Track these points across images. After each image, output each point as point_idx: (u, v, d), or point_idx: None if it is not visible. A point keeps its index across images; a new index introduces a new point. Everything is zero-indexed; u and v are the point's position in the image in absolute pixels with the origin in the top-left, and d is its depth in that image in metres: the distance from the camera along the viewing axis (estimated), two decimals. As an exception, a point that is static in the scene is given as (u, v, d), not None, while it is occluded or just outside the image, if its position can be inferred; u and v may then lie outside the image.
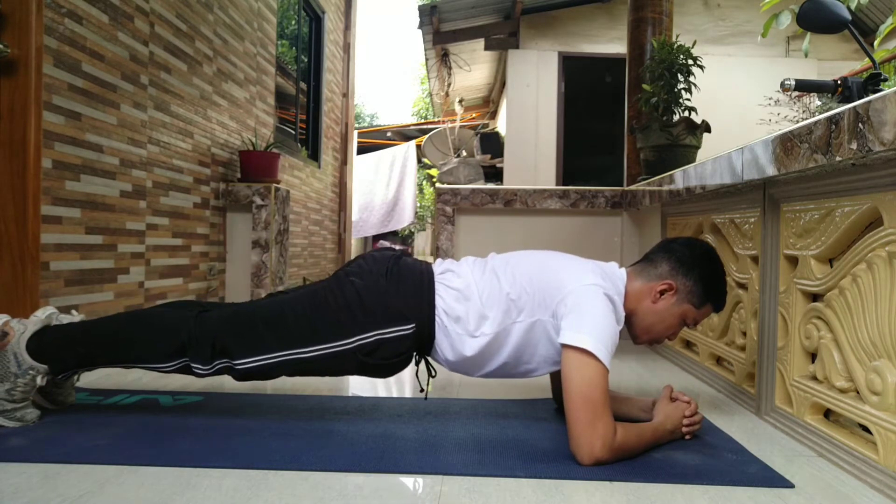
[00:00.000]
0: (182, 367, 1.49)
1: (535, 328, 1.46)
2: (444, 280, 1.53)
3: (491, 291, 1.49)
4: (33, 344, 1.48)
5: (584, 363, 1.31)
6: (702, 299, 1.53)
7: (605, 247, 3.19)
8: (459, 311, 1.48)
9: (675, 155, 2.80)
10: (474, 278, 1.52)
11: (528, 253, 1.60)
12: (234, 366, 1.47)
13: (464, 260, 1.61)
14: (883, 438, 1.21)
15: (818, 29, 1.76)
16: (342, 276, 1.53)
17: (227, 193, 3.63)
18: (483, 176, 6.61)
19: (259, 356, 1.46)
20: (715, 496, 1.17)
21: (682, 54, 2.85)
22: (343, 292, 1.48)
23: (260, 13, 4.35)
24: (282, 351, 1.46)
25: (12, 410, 1.47)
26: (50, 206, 2.10)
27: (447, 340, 1.49)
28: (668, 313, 1.52)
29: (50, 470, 1.23)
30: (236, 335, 1.47)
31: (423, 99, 19.12)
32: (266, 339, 1.46)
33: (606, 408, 1.29)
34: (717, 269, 1.56)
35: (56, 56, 2.12)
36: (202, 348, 1.46)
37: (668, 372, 2.35)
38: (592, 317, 1.36)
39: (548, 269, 1.50)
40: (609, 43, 6.89)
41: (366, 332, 1.45)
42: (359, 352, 1.45)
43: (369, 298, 1.46)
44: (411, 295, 1.48)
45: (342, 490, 1.20)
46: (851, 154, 1.16)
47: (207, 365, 1.47)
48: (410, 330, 1.46)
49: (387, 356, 1.46)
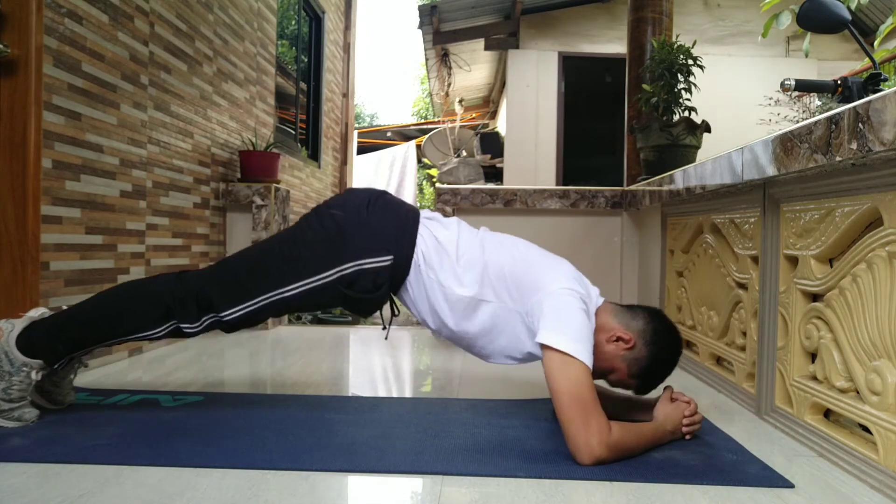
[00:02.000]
0: (172, 330, 1.51)
1: (505, 316, 1.47)
2: (429, 225, 1.54)
3: (472, 257, 1.49)
4: (23, 340, 1.48)
5: (567, 363, 1.31)
6: (638, 373, 1.49)
7: (605, 247, 3.19)
8: (436, 260, 1.49)
9: (675, 155, 2.80)
10: (462, 237, 1.53)
11: (517, 241, 1.60)
12: (221, 318, 1.49)
13: (452, 219, 1.62)
14: (883, 438, 1.21)
15: (818, 29, 1.76)
16: (322, 209, 1.56)
17: (227, 193, 3.63)
18: (483, 176, 6.62)
19: (244, 304, 1.48)
20: (715, 496, 1.17)
21: (682, 54, 2.85)
22: (323, 225, 1.50)
23: (260, 13, 4.35)
24: (266, 294, 1.48)
25: (10, 410, 1.47)
26: (50, 206, 2.10)
27: (418, 282, 1.50)
28: (606, 359, 1.47)
29: (50, 470, 1.23)
30: (219, 288, 1.49)
31: (423, 99, 19.12)
32: (249, 286, 1.48)
33: (597, 404, 1.30)
34: (669, 365, 1.53)
35: (56, 56, 2.12)
36: (188, 307, 1.48)
37: (668, 372, 2.35)
38: (571, 318, 1.37)
39: (531, 264, 1.50)
40: (609, 43, 6.88)
41: (346, 263, 1.46)
42: (339, 283, 1.47)
43: (350, 229, 1.48)
44: (392, 228, 1.50)
45: (342, 490, 1.20)
46: (851, 154, 1.16)
47: (195, 322, 1.49)
48: (388, 262, 1.47)
49: (367, 288, 1.47)
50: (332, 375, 2.28)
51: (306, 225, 1.54)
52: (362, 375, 2.40)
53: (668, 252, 2.64)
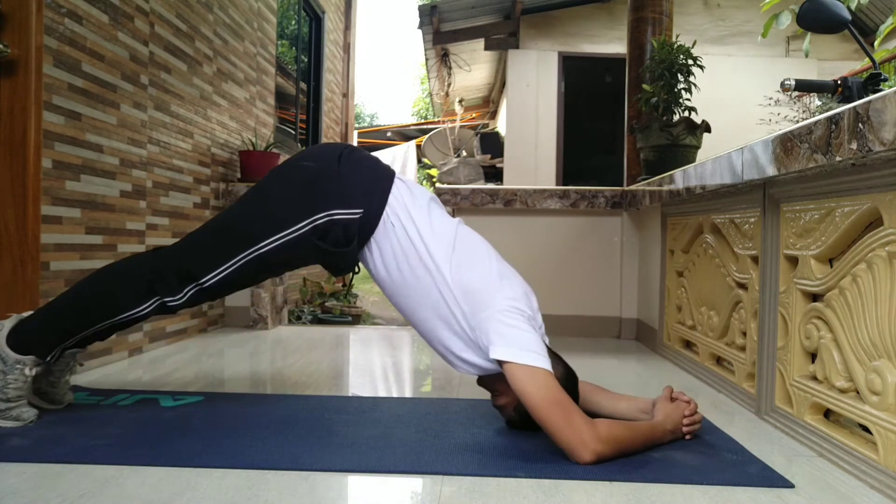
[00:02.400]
0: (156, 306, 1.52)
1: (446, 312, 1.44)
2: (401, 189, 1.52)
3: (445, 233, 1.47)
4: (12, 339, 1.49)
5: (532, 374, 1.32)
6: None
7: (605, 247, 3.19)
8: (407, 221, 1.47)
9: (675, 155, 2.80)
10: (431, 210, 1.51)
11: (480, 243, 1.55)
12: (202, 285, 1.50)
13: (427, 194, 1.58)
14: (883, 438, 1.21)
15: (818, 29, 1.76)
16: (293, 161, 1.56)
17: (227, 193, 3.63)
18: (483, 176, 6.62)
19: (222, 266, 1.49)
20: (715, 496, 1.17)
21: (682, 54, 2.85)
22: (293, 177, 1.51)
23: (260, 13, 4.35)
24: (242, 253, 1.48)
25: (7, 409, 1.47)
26: (50, 206, 2.10)
27: (387, 241, 1.47)
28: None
29: (50, 470, 1.23)
30: (196, 255, 1.51)
31: (423, 99, 19.13)
32: (224, 247, 1.49)
33: (573, 404, 1.32)
34: None
35: (56, 56, 2.12)
36: (168, 279, 1.49)
37: (668, 372, 2.35)
38: (521, 332, 1.37)
39: (486, 276, 1.46)
40: (609, 43, 6.88)
41: (317, 213, 1.46)
42: (313, 235, 1.47)
43: (321, 180, 1.49)
44: (364, 181, 1.50)
45: (342, 490, 1.20)
46: (851, 154, 1.16)
47: (178, 294, 1.50)
48: (357, 215, 1.46)
49: (338, 241, 1.47)
50: (332, 375, 2.28)
51: (278, 179, 1.53)
52: (362, 375, 2.40)
53: (668, 252, 2.64)
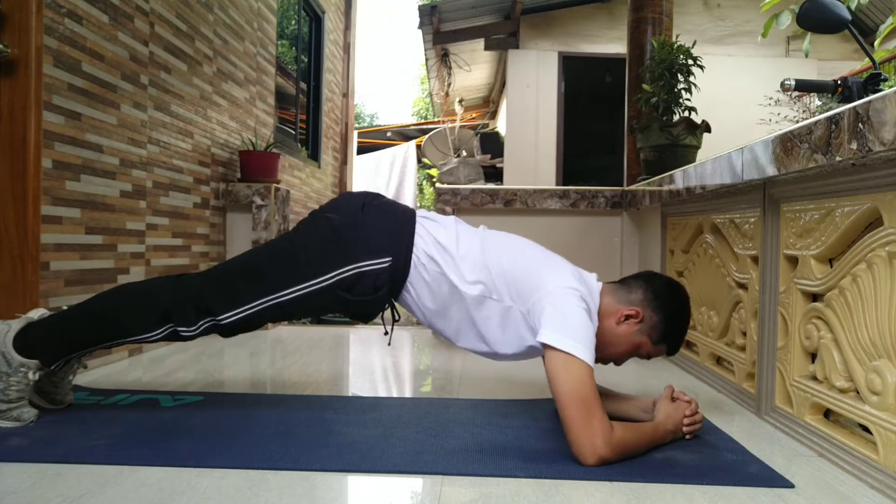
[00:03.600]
0: (169, 333, 1.50)
1: (510, 314, 1.47)
2: (426, 224, 1.53)
3: (473, 256, 1.49)
4: (20, 341, 1.48)
5: (569, 363, 1.31)
6: (660, 337, 1.52)
7: (605, 247, 3.19)
8: (438, 257, 1.48)
9: (675, 155, 2.80)
10: (459, 236, 1.52)
11: (516, 239, 1.60)
12: (218, 322, 1.48)
13: (451, 218, 1.61)
14: (883, 438, 1.21)
15: (818, 29, 1.76)
16: (318, 213, 1.56)
17: (227, 193, 3.63)
18: (483, 176, 6.61)
19: (242, 307, 1.48)
20: (715, 496, 1.17)
21: (682, 54, 2.84)
22: (318, 228, 1.50)
23: (260, 13, 4.35)
24: (263, 298, 1.47)
25: (8, 410, 1.47)
26: (50, 206, 2.10)
27: (420, 280, 1.49)
28: (624, 338, 1.50)
29: (50, 470, 1.23)
30: (217, 292, 1.49)
31: (423, 99, 19.12)
32: (246, 290, 1.48)
33: (599, 404, 1.30)
34: (684, 316, 1.56)
35: (56, 56, 2.12)
36: (186, 310, 1.48)
37: (668, 372, 2.35)
38: (573, 318, 1.37)
39: (531, 263, 1.50)
40: (609, 43, 6.88)
41: (344, 266, 1.46)
42: (338, 287, 1.46)
43: (346, 232, 1.48)
44: (389, 229, 1.50)
45: (342, 490, 1.20)
46: (851, 154, 1.16)
47: (193, 326, 1.49)
48: (387, 263, 1.46)
49: (365, 292, 1.47)
50: (332, 375, 2.28)
51: (303, 229, 1.54)
52: (362, 375, 2.40)
53: (668, 252, 2.64)
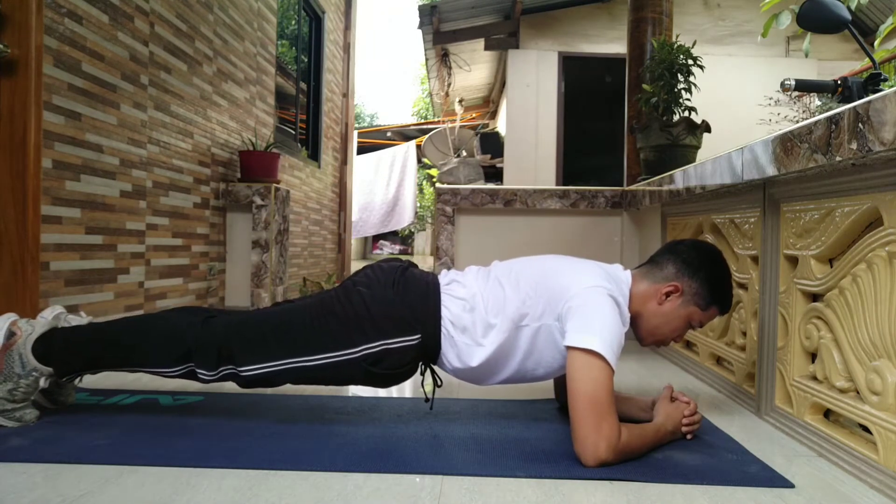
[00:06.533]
0: (187, 372, 1.49)
1: (541, 333, 1.46)
2: (449, 291, 1.53)
3: (496, 300, 1.49)
4: (40, 346, 1.48)
5: (590, 364, 1.30)
6: (708, 301, 1.53)
7: (605, 247, 3.19)
8: (465, 321, 1.48)
9: (675, 155, 2.80)
10: (479, 288, 1.52)
11: (530, 259, 1.60)
12: (239, 373, 1.47)
13: (468, 270, 1.62)
14: (883, 438, 1.21)
15: (818, 29, 1.76)
16: (350, 285, 1.54)
17: (227, 193, 3.63)
18: (483, 176, 6.60)
19: (264, 364, 1.46)
20: (715, 496, 1.17)
21: (682, 54, 2.84)
22: (350, 301, 1.49)
23: (260, 13, 4.35)
24: (287, 359, 1.46)
25: (12, 410, 1.47)
26: (50, 206, 2.10)
27: (454, 351, 1.49)
28: (673, 315, 1.52)
29: (50, 470, 1.23)
30: (243, 343, 1.47)
31: (423, 99, 19.13)
32: (272, 347, 1.46)
33: (612, 409, 1.29)
34: (723, 272, 1.57)
35: (56, 56, 2.12)
36: (208, 355, 1.46)
37: (668, 372, 2.35)
38: (597, 318, 1.36)
39: (551, 274, 1.50)
40: (609, 43, 6.88)
41: (372, 342, 1.45)
42: (364, 361, 1.45)
43: (376, 308, 1.47)
44: (417, 305, 1.49)
45: (342, 490, 1.20)
46: (851, 154, 1.16)
47: (213, 371, 1.47)
48: (416, 340, 1.46)
49: (393, 366, 1.47)
50: (332, 375, 2.28)
51: (335, 298, 1.52)
52: (362, 375, 2.40)
53: (668, 252, 2.64)
